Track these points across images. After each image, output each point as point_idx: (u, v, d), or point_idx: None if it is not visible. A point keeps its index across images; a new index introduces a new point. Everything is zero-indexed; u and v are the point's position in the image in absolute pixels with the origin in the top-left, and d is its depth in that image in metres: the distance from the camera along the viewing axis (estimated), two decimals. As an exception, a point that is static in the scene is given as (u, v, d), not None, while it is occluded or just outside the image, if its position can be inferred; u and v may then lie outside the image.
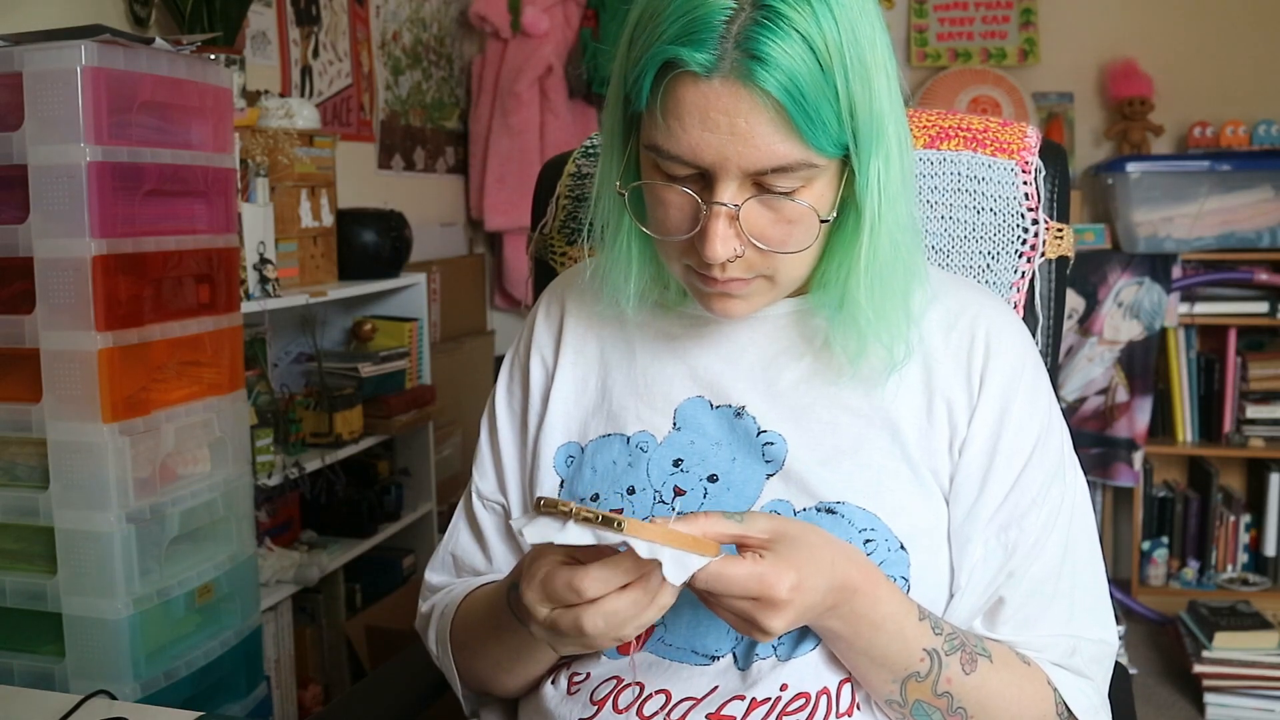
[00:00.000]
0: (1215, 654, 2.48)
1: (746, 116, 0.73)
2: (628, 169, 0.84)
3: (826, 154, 0.76)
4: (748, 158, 0.74)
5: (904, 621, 0.80)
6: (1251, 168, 2.86)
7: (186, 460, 1.53)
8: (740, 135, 0.74)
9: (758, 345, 0.91)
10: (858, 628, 0.79)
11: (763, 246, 0.78)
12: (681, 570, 0.70)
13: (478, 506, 1.01)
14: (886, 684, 0.82)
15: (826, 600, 0.76)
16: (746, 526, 0.74)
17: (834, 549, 0.77)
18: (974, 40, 3.28)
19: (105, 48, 1.34)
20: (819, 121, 0.73)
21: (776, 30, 0.71)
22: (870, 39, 0.75)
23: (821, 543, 0.76)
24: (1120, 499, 3.16)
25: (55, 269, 1.35)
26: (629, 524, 0.69)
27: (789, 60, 0.71)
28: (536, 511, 0.72)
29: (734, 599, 0.73)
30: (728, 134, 0.74)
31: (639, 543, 0.69)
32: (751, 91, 0.72)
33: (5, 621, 1.43)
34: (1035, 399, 0.88)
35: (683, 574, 0.70)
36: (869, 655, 0.81)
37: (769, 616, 0.73)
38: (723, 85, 0.73)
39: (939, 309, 0.89)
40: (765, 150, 0.74)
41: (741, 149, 0.74)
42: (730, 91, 0.73)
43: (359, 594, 2.43)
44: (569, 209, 1.20)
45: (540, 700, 0.91)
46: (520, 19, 3.22)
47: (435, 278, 2.92)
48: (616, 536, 0.69)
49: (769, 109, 0.73)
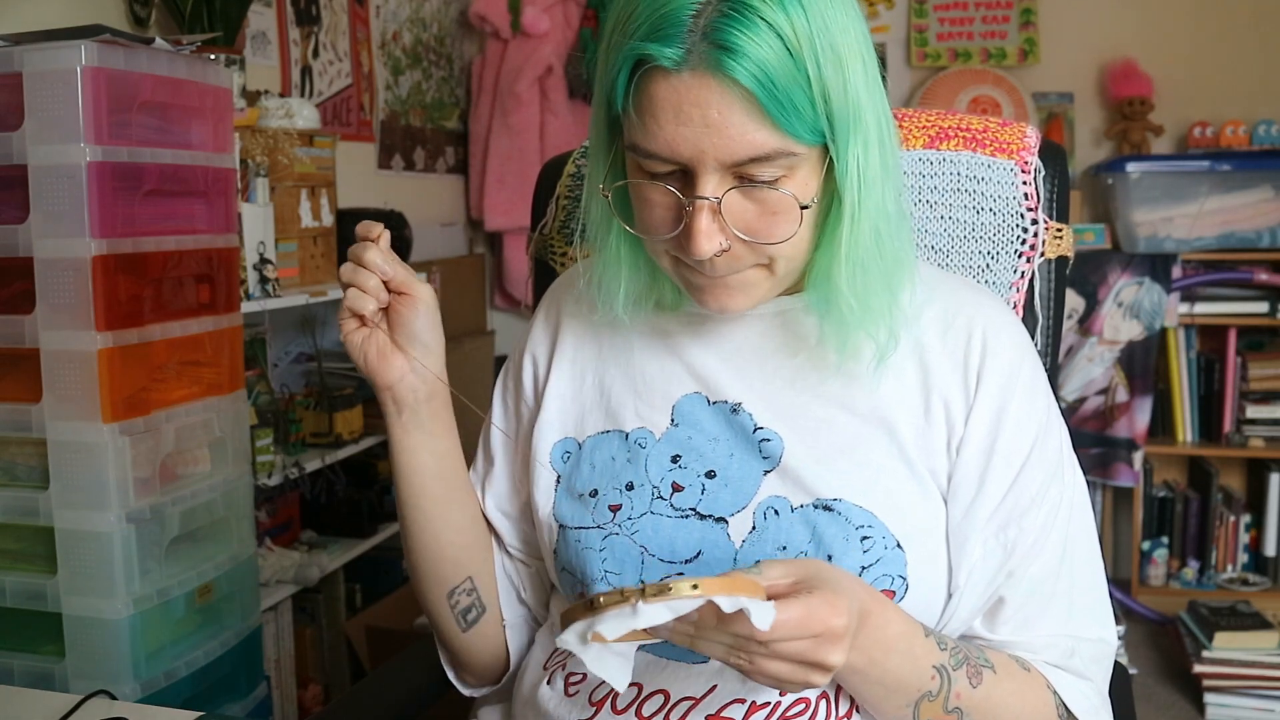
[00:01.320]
0: (1215, 654, 2.48)
1: (719, 108, 0.73)
2: (613, 172, 0.84)
3: (804, 141, 0.76)
4: (724, 149, 0.75)
5: (913, 640, 0.80)
6: (1251, 168, 2.86)
7: (186, 460, 1.53)
8: (714, 127, 0.74)
9: (752, 343, 0.91)
10: (872, 654, 0.77)
11: (746, 238, 0.78)
12: (767, 616, 0.67)
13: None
14: (900, 709, 0.81)
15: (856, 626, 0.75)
16: (765, 575, 0.73)
17: (847, 575, 0.77)
18: (974, 40, 3.28)
19: (105, 48, 1.34)
20: (792, 109, 0.73)
21: (743, 20, 0.72)
22: (842, 25, 0.75)
23: (838, 572, 0.76)
24: (1120, 499, 3.16)
25: (55, 269, 1.35)
26: (703, 583, 0.66)
27: (757, 49, 0.72)
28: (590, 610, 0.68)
29: (795, 641, 0.70)
30: (702, 126, 0.74)
31: (723, 599, 0.66)
32: (722, 82, 0.73)
33: (5, 621, 1.43)
34: (1033, 398, 0.88)
35: (769, 619, 0.67)
36: (883, 683, 0.79)
37: (830, 651, 0.71)
38: (693, 78, 0.73)
39: (936, 308, 0.89)
40: (740, 140, 0.74)
41: (717, 140, 0.74)
42: (701, 83, 0.73)
43: (359, 594, 2.43)
44: (569, 209, 1.20)
45: (538, 701, 0.91)
46: (520, 19, 3.22)
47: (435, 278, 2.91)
48: (695, 601, 0.66)
49: (741, 99, 0.73)
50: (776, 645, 0.70)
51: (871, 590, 0.79)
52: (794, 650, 0.71)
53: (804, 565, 0.75)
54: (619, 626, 0.66)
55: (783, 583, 0.72)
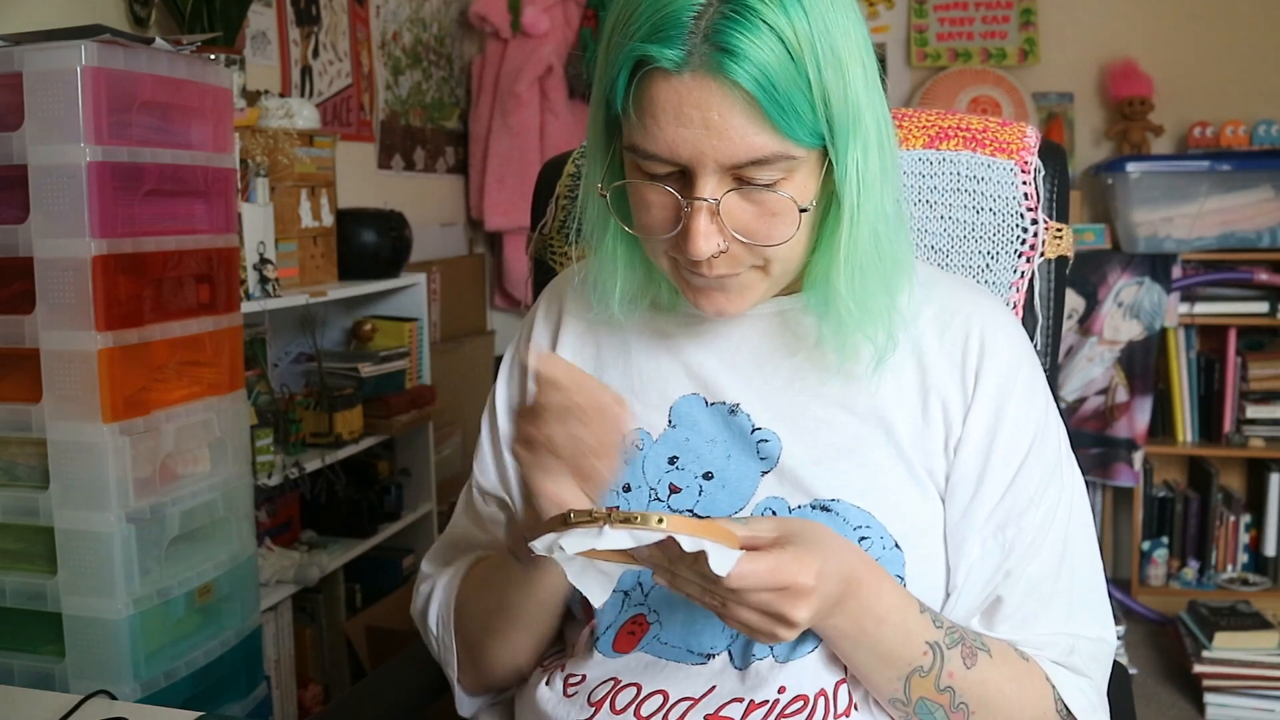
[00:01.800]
0: (1215, 654, 2.48)
1: (719, 110, 0.73)
2: (611, 171, 0.84)
3: (803, 144, 0.76)
4: (723, 151, 0.75)
5: (906, 614, 0.80)
6: (1251, 168, 2.86)
7: (186, 460, 1.53)
8: (714, 129, 0.74)
9: (750, 343, 0.91)
10: (863, 622, 0.79)
11: (744, 240, 0.79)
12: (725, 562, 0.69)
13: (478, 500, 1.02)
14: (890, 681, 0.82)
15: (839, 590, 0.76)
16: (751, 528, 0.74)
17: (837, 540, 0.78)
18: (974, 40, 3.28)
19: (105, 48, 1.34)
20: (792, 112, 0.73)
21: (744, 23, 0.71)
22: (843, 28, 0.75)
23: (826, 534, 0.77)
24: (1120, 499, 3.16)
25: (55, 269, 1.35)
26: (670, 520, 0.68)
27: (758, 52, 0.72)
28: (565, 525, 0.71)
29: (759, 593, 0.72)
30: (702, 128, 0.74)
31: (684, 537, 0.68)
32: (722, 84, 0.73)
33: (5, 621, 1.43)
34: (1031, 398, 0.88)
35: (726, 565, 0.69)
36: (874, 652, 0.80)
37: (795, 606, 0.72)
38: (693, 80, 0.73)
39: (934, 308, 0.89)
40: (740, 143, 0.74)
41: (716, 143, 0.74)
42: (701, 86, 0.73)
43: (359, 594, 2.43)
44: (568, 209, 1.20)
45: (537, 702, 0.91)
46: (520, 19, 3.22)
47: (435, 278, 2.92)
48: (657, 534, 0.69)
49: (741, 101, 0.73)
50: (743, 594, 0.72)
51: (868, 560, 0.79)
52: (759, 601, 0.72)
53: (792, 523, 0.76)
54: (582, 543, 0.69)
55: (766, 536, 0.74)
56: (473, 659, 0.98)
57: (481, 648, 0.96)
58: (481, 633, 0.95)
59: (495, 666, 0.96)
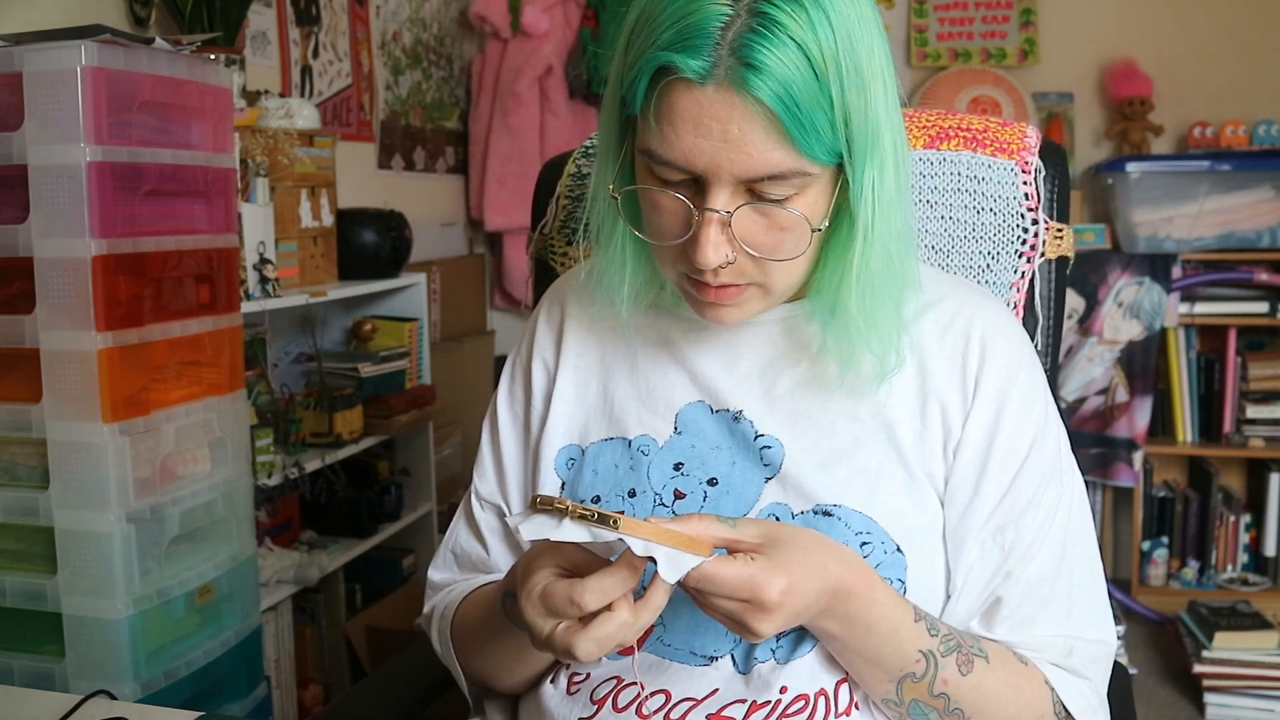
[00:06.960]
0: (1215, 654, 2.48)
1: (740, 124, 0.73)
2: (622, 172, 0.84)
3: (820, 162, 0.75)
4: (740, 165, 0.74)
5: (899, 623, 0.80)
6: (1251, 168, 2.86)
7: (186, 460, 1.53)
8: (733, 142, 0.73)
9: (755, 351, 0.91)
10: (851, 629, 0.79)
11: (754, 253, 0.78)
12: (675, 569, 0.70)
13: (476, 508, 1.02)
14: (882, 684, 0.82)
15: (819, 604, 0.76)
16: (739, 531, 0.75)
17: (827, 552, 0.77)
18: (974, 40, 3.28)
19: (105, 48, 1.34)
20: (813, 130, 0.73)
21: (772, 38, 0.71)
22: (868, 47, 0.75)
23: (814, 546, 0.77)
24: (1120, 499, 3.16)
25: (55, 269, 1.35)
26: (624, 522, 0.69)
27: (783, 69, 0.71)
28: (532, 509, 0.73)
29: (724, 599, 0.73)
30: (720, 141, 0.73)
31: (634, 540, 0.69)
32: (745, 99, 0.72)
33: (5, 621, 1.43)
34: (1031, 400, 0.88)
35: (676, 572, 0.70)
36: (864, 656, 0.81)
37: (758, 619, 0.73)
38: (716, 92, 0.72)
39: (934, 311, 0.89)
40: (758, 158, 0.74)
41: (734, 156, 0.74)
42: (724, 99, 0.72)
43: (359, 594, 2.43)
44: (569, 209, 1.20)
45: (540, 700, 0.91)
46: (520, 19, 3.22)
47: (435, 278, 2.92)
48: (611, 534, 0.69)
49: (762, 117, 0.72)
50: (706, 596, 0.73)
51: (861, 569, 0.79)
52: (723, 606, 0.74)
53: (779, 530, 0.76)
54: (540, 531, 0.71)
55: (749, 541, 0.75)
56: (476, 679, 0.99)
57: (483, 674, 0.97)
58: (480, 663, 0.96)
59: (497, 686, 0.97)
